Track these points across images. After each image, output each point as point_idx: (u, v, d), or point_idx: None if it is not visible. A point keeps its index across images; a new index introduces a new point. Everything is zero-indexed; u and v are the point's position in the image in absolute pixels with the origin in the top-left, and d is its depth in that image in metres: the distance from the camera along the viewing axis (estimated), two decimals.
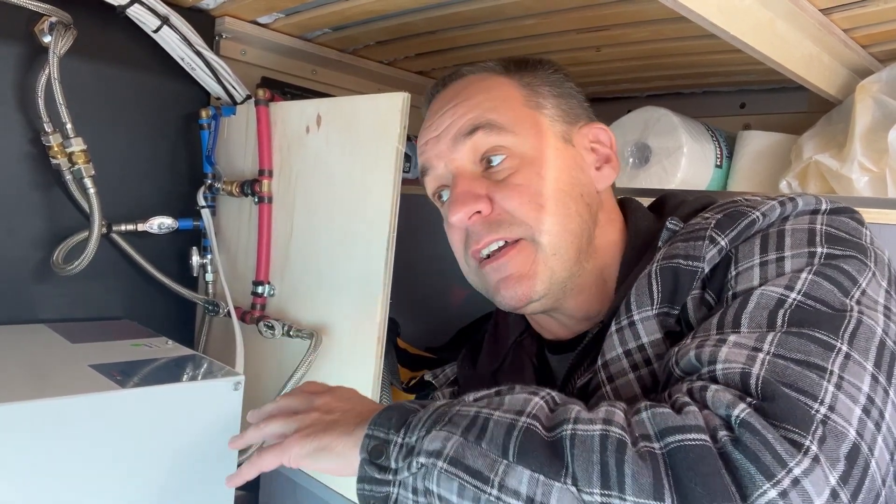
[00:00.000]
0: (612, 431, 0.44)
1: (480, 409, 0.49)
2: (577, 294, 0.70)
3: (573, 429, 0.45)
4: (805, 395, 0.43)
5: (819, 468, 0.40)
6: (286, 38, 1.15)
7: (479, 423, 0.48)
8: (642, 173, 1.16)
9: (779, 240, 0.56)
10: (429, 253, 1.14)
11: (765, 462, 0.40)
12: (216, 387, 0.76)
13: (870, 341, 0.47)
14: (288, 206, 0.94)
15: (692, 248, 0.59)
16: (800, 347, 0.46)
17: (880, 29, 0.93)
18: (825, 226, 0.56)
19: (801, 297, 0.50)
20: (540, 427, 0.47)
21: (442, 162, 0.72)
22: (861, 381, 0.45)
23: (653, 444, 0.43)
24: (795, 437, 0.41)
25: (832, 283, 0.51)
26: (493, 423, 0.48)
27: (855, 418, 0.43)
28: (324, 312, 0.88)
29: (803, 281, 0.51)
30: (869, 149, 0.94)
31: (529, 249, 0.67)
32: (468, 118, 0.70)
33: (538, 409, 0.48)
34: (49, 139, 0.89)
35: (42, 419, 0.63)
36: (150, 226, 1.02)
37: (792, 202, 0.59)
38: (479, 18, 1.04)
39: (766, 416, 0.42)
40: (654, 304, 0.59)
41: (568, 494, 0.42)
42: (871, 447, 0.42)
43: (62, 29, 0.87)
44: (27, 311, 0.95)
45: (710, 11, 0.72)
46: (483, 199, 0.68)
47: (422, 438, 0.50)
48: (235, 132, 1.03)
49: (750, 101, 1.35)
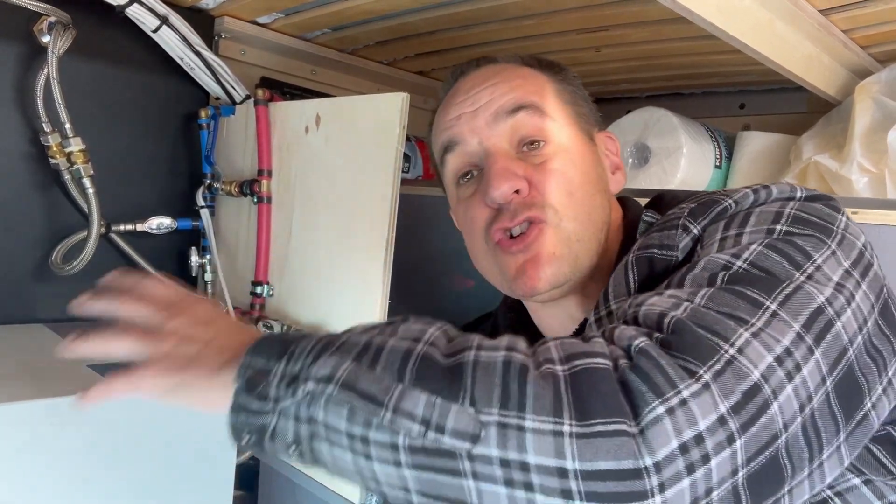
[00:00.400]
0: (516, 357, 0.44)
1: (373, 337, 0.48)
2: (586, 288, 0.70)
3: (476, 355, 0.45)
4: (716, 336, 0.43)
5: (708, 394, 0.40)
6: (285, 38, 1.15)
7: (372, 349, 0.47)
8: (642, 174, 1.16)
9: (744, 219, 0.56)
10: (426, 253, 1.14)
11: (655, 382, 0.41)
12: None
13: (804, 305, 0.46)
14: (287, 207, 0.94)
15: (666, 237, 0.59)
16: (728, 302, 0.46)
17: (880, 30, 0.93)
18: (794, 210, 0.55)
19: (746, 265, 0.50)
20: (438, 354, 0.46)
21: (476, 138, 0.70)
22: (782, 336, 0.44)
23: (556, 367, 0.43)
24: (690, 366, 0.41)
25: (781, 255, 0.50)
26: (387, 349, 0.46)
27: (763, 363, 0.42)
28: (322, 313, 0.88)
29: (752, 251, 0.51)
30: (868, 149, 0.94)
31: (553, 232, 0.67)
32: (511, 97, 0.69)
33: (436, 338, 0.48)
34: (48, 139, 0.89)
35: (40, 419, 0.63)
36: (149, 226, 1.02)
37: (766, 189, 0.58)
38: (478, 19, 1.04)
39: (666, 347, 0.43)
40: (631, 293, 0.59)
41: (465, 415, 0.42)
42: (775, 391, 0.42)
43: (61, 29, 0.87)
44: (25, 311, 0.95)
45: (709, 12, 0.72)
46: (523, 179, 0.67)
47: (308, 366, 0.47)
48: (235, 132, 1.03)
49: (749, 101, 1.35)
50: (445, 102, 0.75)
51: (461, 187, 0.73)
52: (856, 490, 0.51)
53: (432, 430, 0.42)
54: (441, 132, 0.74)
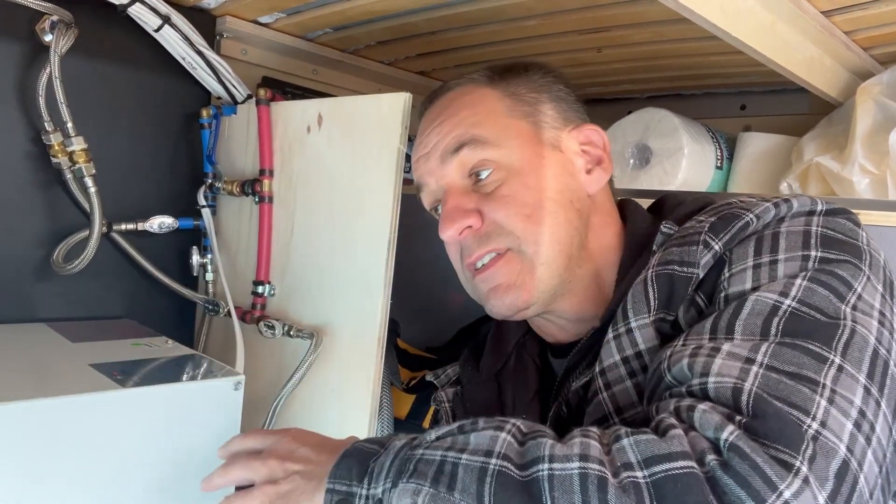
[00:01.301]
0: (591, 468, 0.42)
1: (447, 454, 0.47)
2: (571, 297, 0.71)
3: (549, 468, 0.43)
4: (797, 410, 0.43)
5: (808, 489, 0.39)
6: (287, 38, 1.15)
7: (447, 470, 0.46)
8: (643, 174, 1.16)
9: (773, 242, 0.55)
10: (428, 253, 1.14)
11: (755, 486, 0.39)
12: (217, 386, 0.75)
13: (863, 351, 0.47)
14: (289, 206, 0.94)
15: (687, 253, 0.59)
16: (793, 359, 0.46)
17: (881, 31, 0.93)
18: (820, 227, 0.55)
19: (795, 303, 0.50)
20: (512, 468, 0.44)
21: (433, 178, 0.74)
22: (853, 394, 0.44)
23: (636, 474, 0.42)
24: (786, 457, 0.40)
25: (827, 288, 0.50)
26: (462, 468, 0.45)
27: (846, 434, 0.42)
28: (324, 312, 0.88)
29: (798, 287, 0.51)
30: (870, 151, 0.94)
31: (516, 260, 0.68)
32: (453, 136, 0.72)
33: (507, 447, 0.46)
34: (50, 138, 0.89)
35: (43, 418, 0.63)
36: (151, 225, 1.02)
37: (787, 203, 0.58)
38: (480, 19, 1.04)
39: (755, 435, 0.41)
40: (651, 311, 0.59)
41: None
42: (860, 462, 0.42)
43: (63, 28, 0.87)
44: (27, 310, 0.95)
45: (713, 14, 0.72)
46: (473, 213, 0.69)
47: (388, 491, 0.47)
48: (236, 132, 1.02)
49: (750, 102, 1.35)
50: (416, 140, 0.78)
51: None
52: None
53: None
54: (414, 171, 0.78)
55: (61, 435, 0.64)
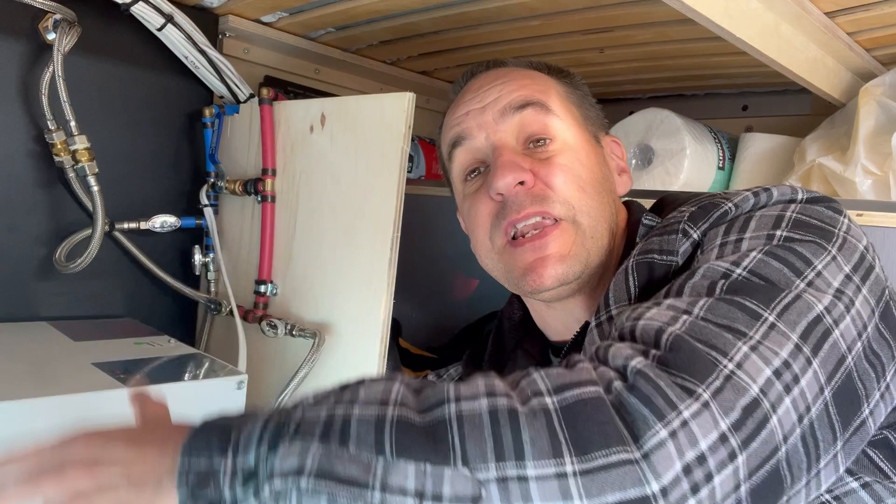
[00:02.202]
0: (500, 402, 0.42)
1: (333, 409, 0.43)
2: (592, 290, 0.70)
3: (456, 408, 0.42)
4: (715, 351, 0.43)
5: (708, 412, 0.40)
6: (289, 37, 1.15)
7: (337, 424, 0.42)
8: (645, 175, 1.16)
9: (744, 223, 0.55)
10: (430, 253, 1.14)
11: (656, 404, 0.40)
12: (220, 385, 0.76)
13: (802, 315, 0.46)
14: (291, 206, 0.94)
15: (666, 241, 0.59)
16: (727, 313, 0.46)
17: (884, 32, 0.93)
18: (795, 213, 0.55)
19: (745, 272, 0.50)
20: (412, 413, 0.42)
21: (484, 133, 0.71)
22: (780, 348, 0.44)
23: (545, 399, 0.42)
24: (689, 384, 0.41)
25: (781, 262, 0.50)
26: (355, 421, 0.41)
27: (762, 377, 0.42)
28: (327, 312, 0.88)
29: (751, 258, 0.51)
30: (872, 152, 0.94)
31: (570, 231, 0.67)
32: (520, 94, 0.70)
33: (402, 395, 0.43)
34: (52, 137, 0.89)
35: (46, 417, 0.63)
36: (153, 224, 1.02)
37: (766, 192, 0.58)
38: (483, 19, 1.04)
39: (664, 365, 0.42)
40: (632, 298, 0.59)
41: (461, 478, 0.39)
42: (773, 405, 0.42)
43: (66, 26, 0.87)
44: (29, 309, 0.95)
45: (717, 15, 0.72)
46: (528, 171, 0.67)
47: (265, 458, 0.41)
48: (239, 131, 1.02)
49: (752, 103, 1.35)
50: (455, 102, 0.76)
51: (468, 183, 0.73)
52: (854, 494, 0.51)
53: (429, 500, 0.39)
54: (450, 129, 0.74)
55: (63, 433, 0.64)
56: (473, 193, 0.72)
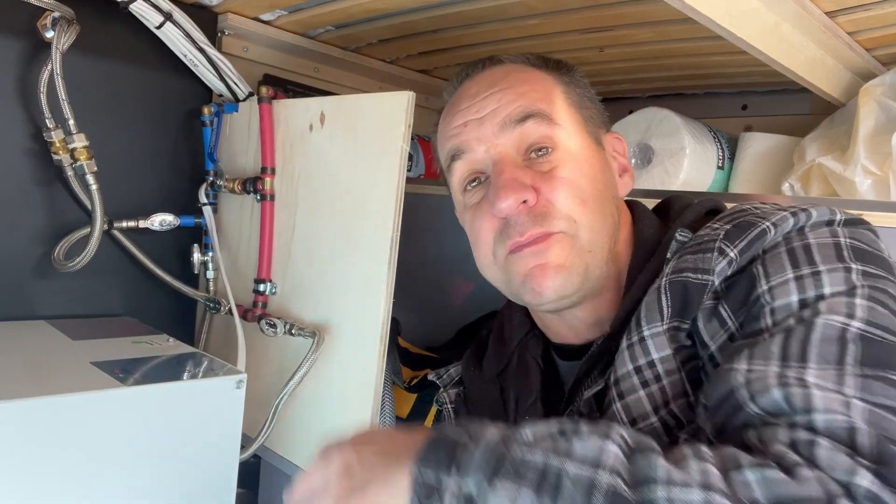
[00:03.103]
0: (716, 500, 0.39)
1: (548, 458, 0.44)
2: (596, 296, 0.70)
3: (667, 494, 0.40)
4: None
5: None
6: (288, 36, 1.14)
7: (551, 477, 0.42)
8: (644, 174, 1.15)
9: (806, 254, 0.55)
10: (429, 252, 1.14)
11: None
12: (219, 385, 0.75)
13: None
14: (290, 204, 0.94)
15: (701, 260, 0.58)
16: (883, 392, 0.45)
17: (884, 32, 0.93)
18: (848, 238, 0.55)
19: (863, 325, 0.49)
20: (622, 485, 0.41)
21: (483, 146, 0.69)
22: None
23: None
24: None
25: (884, 307, 0.50)
26: (567, 478, 0.42)
27: None
28: (326, 311, 0.88)
29: (860, 307, 0.50)
30: (872, 152, 0.94)
31: (567, 242, 0.66)
32: (519, 105, 0.68)
33: (615, 460, 0.43)
34: (51, 135, 0.89)
35: (45, 417, 0.63)
36: (152, 222, 1.01)
37: (805, 213, 0.57)
38: (482, 18, 1.04)
39: (886, 482, 0.39)
40: (664, 319, 0.59)
41: None
42: None
43: (65, 24, 0.87)
44: (27, 308, 0.94)
45: (718, 14, 0.72)
46: (530, 188, 0.66)
47: (482, 486, 0.43)
48: (238, 129, 1.02)
49: (752, 102, 1.35)
50: (451, 106, 0.74)
51: (468, 193, 0.72)
52: None
53: None
54: (448, 139, 0.73)
55: (62, 433, 0.64)
56: (475, 206, 0.71)
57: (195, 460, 0.74)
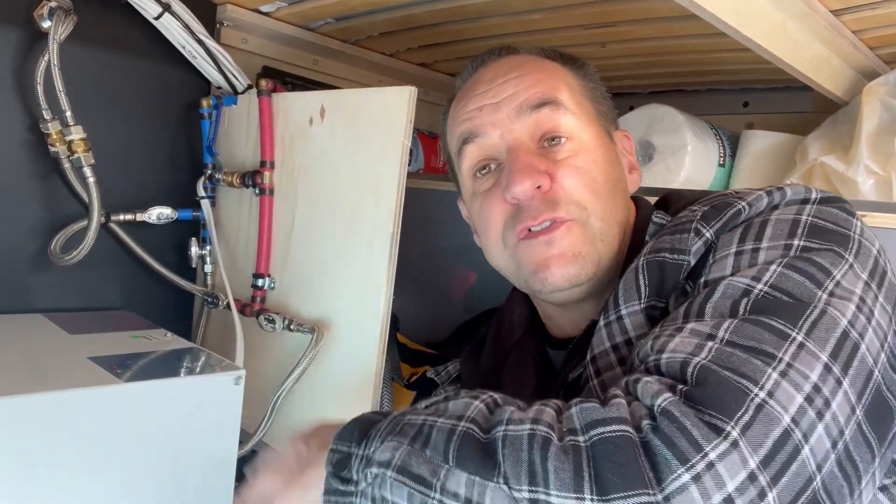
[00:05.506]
0: (539, 430, 0.45)
1: (427, 417, 0.50)
2: (603, 291, 0.69)
3: (505, 430, 0.46)
4: (745, 379, 0.42)
5: (737, 452, 0.39)
6: (288, 28, 1.13)
7: (424, 430, 0.49)
8: (646, 171, 1.15)
9: (760, 230, 0.55)
10: (428, 247, 1.13)
11: (680, 447, 0.40)
12: (218, 381, 0.75)
13: (830, 332, 0.46)
14: (290, 199, 0.93)
15: (678, 240, 0.58)
16: (753, 335, 0.45)
17: (889, 31, 0.93)
18: (811, 216, 0.54)
19: (767, 287, 0.49)
20: (478, 430, 0.47)
21: (498, 131, 0.69)
22: (811, 370, 0.43)
23: (577, 438, 0.44)
24: (717, 421, 0.40)
25: (802, 274, 0.49)
26: (436, 430, 0.48)
27: (794, 405, 0.41)
28: (325, 307, 0.87)
29: (772, 272, 0.50)
30: (875, 152, 0.94)
31: (579, 229, 0.66)
32: (536, 91, 0.69)
33: (477, 413, 0.49)
34: (48, 127, 0.88)
35: (42, 413, 0.62)
36: (149, 216, 1.01)
37: (780, 191, 0.57)
38: (484, 12, 1.03)
39: (691, 401, 0.42)
40: (642, 298, 0.59)
41: (501, 493, 0.43)
42: (805, 434, 0.41)
43: (62, 14, 0.85)
44: (24, 301, 0.94)
45: (724, 12, 0.71)
46: (545, 174, 0.66)
47: (375, 449, 0.50)
48: (237, 122, 1.01)
49: (753, 100, 1.34)
50: (465, 91, 0.74)
51: (478, 180, 0.72)
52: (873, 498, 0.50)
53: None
54: (460, 122, 0.72)
55: (60, 430, 0.63)
56: (485, 192, 0.71)
57: (194, 456, 0.74)
